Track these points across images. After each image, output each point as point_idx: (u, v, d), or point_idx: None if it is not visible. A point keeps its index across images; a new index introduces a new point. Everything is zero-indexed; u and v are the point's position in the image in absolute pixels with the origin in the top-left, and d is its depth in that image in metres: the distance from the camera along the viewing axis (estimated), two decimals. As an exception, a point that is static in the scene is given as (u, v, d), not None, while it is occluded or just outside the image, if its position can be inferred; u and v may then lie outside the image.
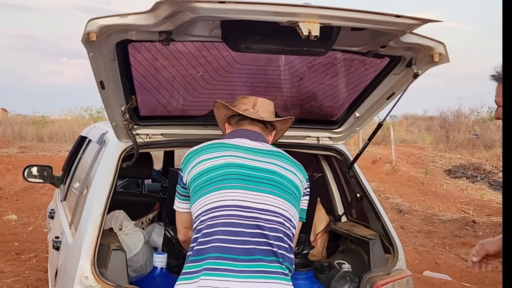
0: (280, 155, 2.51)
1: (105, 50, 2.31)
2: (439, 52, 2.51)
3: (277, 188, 2.36)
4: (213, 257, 2.19)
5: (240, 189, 2.30)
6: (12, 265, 6.68)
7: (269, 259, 2.23)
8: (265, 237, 2.25)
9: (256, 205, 2.28)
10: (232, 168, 2.35)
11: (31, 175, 4.97)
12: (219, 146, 2.44)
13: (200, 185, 2.32)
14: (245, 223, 2.25)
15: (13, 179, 14.58)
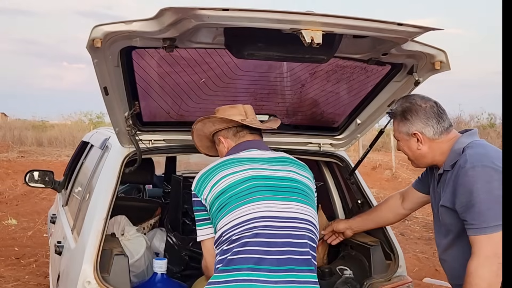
0: (290, 160, 2.53)
1: (109, 56, 2.33)
2: (440, 60, 2.53)
3: (301, 195, 2.38)
4: (247, 268, 2.17)
5: (269, 200, 2.29)
6: (12, 270, 6.68)
7: (301, 269, 2.24)
8: (297, 246, 2.26)
9: (286, 214, 2.28)
10: (257, 180, 2.33)
11: (32, 180, 4.98)
12: (235, 162, 2.41)
13: (227, 200, 2.28)
14: (277, 233, 2.24)
15: (13, 184, 14.58)
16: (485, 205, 2.26)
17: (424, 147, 2.51)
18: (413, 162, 2.63)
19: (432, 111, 2.50)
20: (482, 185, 2.27)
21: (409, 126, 2.50)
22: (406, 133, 2.53)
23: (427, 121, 2.48)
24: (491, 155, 2.36)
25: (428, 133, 2.49)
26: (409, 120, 2.50)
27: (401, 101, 2.58)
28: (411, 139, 2.53)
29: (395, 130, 2.58)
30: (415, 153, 2.55)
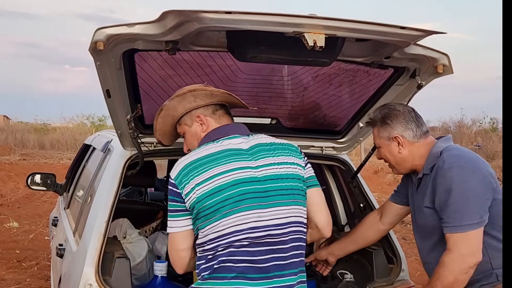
0: (271, 147, 2.35)
1: (112, 59, 2.34)
2: (443, 64, 2.53)
3: (284, 196, 2.26)
4: (231, 277, 2.14)
5: (255, 209, 2.19)
6: (13, 273, 6.68)
7: (284, 273, 2.20)
8: (280, 252, 2.20)
9: (270, 222, 2.20)
10: (243, 186, 2.21)
11: (34, 183, 4.99)
12: (220, 157, 2.24)
13: (215, 206, 2.17)
14: (261, 242, 2.18)
15: (15, 187, 14.59)
16: (460, 204, 2.34)
17: (405, 151, 2.58)
18: (394, 168, 2.69)
19: (410, 116, 2.59)
20: (458, 185, 2.35)
21: (390, 131, 2.59)
22: (387, 138, 2.60)
23: (406, 125, 2.57)
24: (467, 156, 2.45)
25: (408, 136, 2.57)
26: (389, 124, 2.58)
27: (379, 109, 2.68)
28: (392, 143, 2.60)
29: (376, 137, 2.66)
30: (396, 157, 2.62)
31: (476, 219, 2.33)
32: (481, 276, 2.42)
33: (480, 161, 2.46)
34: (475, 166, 2.39)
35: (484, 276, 2.42)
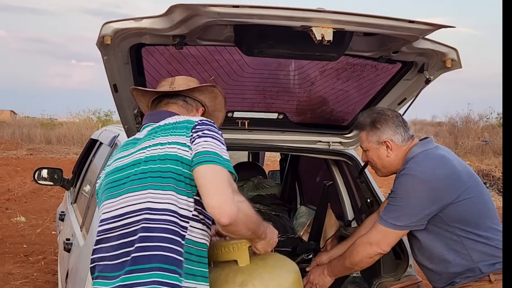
0: (161, 129, 2.08)
1: (119, 53, 2.34)
2: (452, 58, 2.51)
3: (135, 181, 1.98)
4: (94, 277, 2.00)
5: (106, 200, 2.04)
6: (20, 267, 6.71)
7: (145, 267, 1.86)
8: (130, 245, 1.91)
9: (117, 212, 1.98)
10: (108, 176, 2.10)
11: (41, 178, 5.00)
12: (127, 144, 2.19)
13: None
14: (111, 236, 1.97)
15: (22, 181, 14.65)
16: (396, 206, 2.48)
17: (393, 155, 2.63)
18: (380, 171, 2.74)
19: (398, 120, 2.64)
20: (401, 191, 2.48)
21: (380, 135, 2.62)
22: (377, 142, 2.64)
23: (396, 129, 2.62)
24: (426, 166, 2.48)
25: (397, 140, 2.61)
26: (379, 129, 2.62)
27: (367, 112, 2.70)
28: (381, 147, 2.64)
29: (364, 141, 2.69)
30: (383, 161, 2.66)
31: (402, 223, 2.46)
32: (464, 269, 2.46)
33: (441, 169, 2.48)
34: (429, 176, 2.44)
35: (467, 270, 2.45)
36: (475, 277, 2.44)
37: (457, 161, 2.57)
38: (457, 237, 2.45)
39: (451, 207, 2.43)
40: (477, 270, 2.43)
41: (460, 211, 2.43)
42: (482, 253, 2.43)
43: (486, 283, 2.41)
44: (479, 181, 2.57)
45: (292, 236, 3.38)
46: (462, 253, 2.45)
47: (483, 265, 2.42)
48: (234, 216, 1.83)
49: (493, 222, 2.48)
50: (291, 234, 3.40)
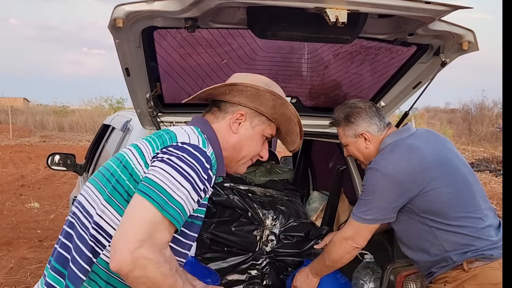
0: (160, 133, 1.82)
1: (131, 36, 2.32)
2: (468, 40, 2.47)
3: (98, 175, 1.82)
4: None
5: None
6: (35, 252, 6.78)
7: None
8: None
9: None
10: None
11: (54, 163, 5.02)
12: None
13: None
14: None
15: (35, 168, 14.79)
16: (363, 200, 2.51)
17: (371, 146, 2.65)
18: (363, 164, 2.75)
19: (371, 111, 2.66)
20: (368, 185, 2.50)
21: (355, 128, 2.65)
22: (353, 135, 2.67)
23: (370, 120, 2.64)
24: (389, 159, 2.49)
25: (373, 131, 2.64)
26: (353, 122, 2.65)
27: (340, 108, 2.72)
28: (359, 140, 2.66)
29: (342, 136, 2.73)
30: (363, 152, 2.68)
31: (370, 216, 2.48)
32: (439, 258, 2.48)
33: (404, 162, 2.47)
34: (392, 170, 2.44)
35: (441, 259, 2.47)
36: (449, 266, 2.45)
37: (431, 148, 2.53)
38: (429, 228, 2.47)
39: (418, 198, 2.45)
40: (449, 260, 2.44)
41: (428, 202, 2.45)
42: (453, 243, 2.44)
43: (461, 271, 2.42)
44: (456, 168, 2.52)
45: (305, 221, 3.36)
46: (435, 243, 2.47)
47: (454, 254, 2.43)
48: (123, 266, 1.50)
49: (467, 210, 2.46)
50: (304, 219, 3.39)
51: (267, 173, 4.16)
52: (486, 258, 2.39)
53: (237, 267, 3.22)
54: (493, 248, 2.41)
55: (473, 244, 2.41)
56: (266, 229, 3.29)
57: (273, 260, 3.25)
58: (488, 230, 2.45)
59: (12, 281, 5.63)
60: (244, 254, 3.24)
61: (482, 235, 2.42)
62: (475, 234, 2.42)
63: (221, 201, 3.31)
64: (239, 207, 3.31)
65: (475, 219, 2.45)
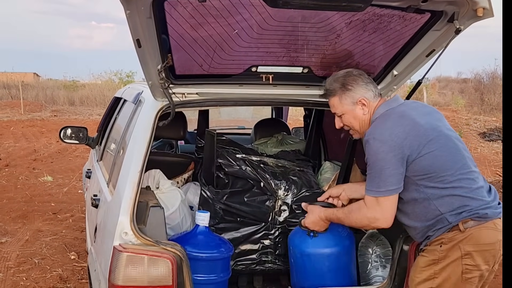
0: None
1: (141, 7, 2.30)
2: (483, 6, 2.42)
3: None
4: None
5: None
6: (49, 224, 6.87)
7: None
8: None
9: None
10: None
11: (66, 136, 5.04)
12: None
13: None
14: None
15: (47, 142, 14.90)
16: (374, 174, 2.52)
17: (368, 112, 2.68)
18: (357, 133, 2.78)
19: (366, 77, 2.72)
20: (370, 157, 2.52)
21: (353, 95, 2.67)
22: (351, 103, 2.69)
23: (366, 86, 2.68)
24: (384, 127, 2.53)
25: (370, 97, 2.68)
26: (351, 90, 2.67)
27: (333, 78, 2.75)
28: (357, 108, 2.69)
29: (338, 106, 2.73)
30: (360, 120, 2.70)
31: (385, 187, 2.49)
32: (434, 221, 2.53)
33: (399, 127, 2.51)
34: (388, 136, 2.48)
35: (437, 221, 2.52)
36: (445, 227, 2.50)
37: (422, 114, 2.59)
38: (424, 193, 2.51)
39: (415, 163, 2.48)
40: (445, 221, 2.49)
41: (424, 165, 2.48)
42: (449, 205, 2.49)
43: (457, 232, 2.48)
44: (446, 134, 2.58)
45: (317, 191, 3.38)
46: (430, 207, 2.51)
47: (450, 215, 2.48)
48: None
49: (461, 172, 2.52)
50: (316, 189, 3.40)
51: (279, 144, 4.17)
52: (481, 217, 2.46)
53: (250, 237, 3.26)
54: (487, 208, 2.49)
55: (467, 204, 2.47)
56: (279, 199, 3.31)
57: (286, 230, 3.27)
58: (481, 191, 2.53)
59: (28, 253, 5.73)
60: (257, 224, 3.27)
61: (476, 196, 2.50)
62: (469, 195, 2.49)
63: (234, 172, 3.33)
64: (252, 177, 3.32)
65: (468, 180, 2.51)
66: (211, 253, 2.70)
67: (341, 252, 2.92)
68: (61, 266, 5.36)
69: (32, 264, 5.40)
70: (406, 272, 2.78)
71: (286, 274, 3.34)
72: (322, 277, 2.90)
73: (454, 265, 2.48)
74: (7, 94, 28.48)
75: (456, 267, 2.47)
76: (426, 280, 2.54)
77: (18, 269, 5.27)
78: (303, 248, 2.90)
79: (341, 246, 2.93)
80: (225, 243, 2.83)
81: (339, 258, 2.92)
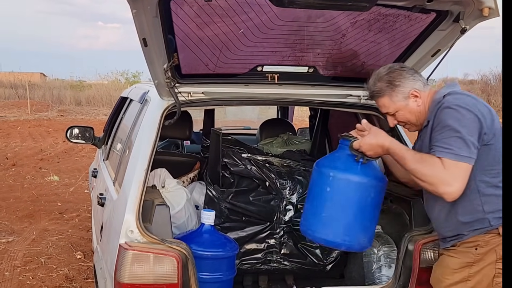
0: None
1: (148, 6, 2.31)
2: (489, 6, 2.42)
3: None
4: None
5: None
6: (56, 224, 6.90)
7: None
8: None
9: None
10: None
11: (73, 136, 5.07)
12: None
13: None
14: None
15: (54, 142, 14.96)
16: (451, 138, 2.31)
17: (422, 103, 2.56)
18: (414, 126, 2.64)
19: (409, 68, 2.63)
20: (454, 121, 2.32)
21: (403, 90, 2.56)
22: (403, 98, 2.56)
23: (413, 77, 2.57)
24: (467, 100, 2.38)
25: (419, 86, 2.57)
26: (400, 85, 2.56)
27: (376, 78, 2.60)
28: (409, 101, 2.57)
29: (390, 105, 2.59)
30: (416, 113, 2.58)
31: (470, 154, 2.30)
32: (473, 220, 2.40)
33: (480, 105, 2.40)
34: (473, 108, 2.34)
35: (475, 221, 2.39)
36: (483, 229, 2.38)
37: None
38: (476, 185, 2.37)
39: (482, 148, 2.35)
40: (486, 222, 2.37)
41: (487, 156, 2.36)
42: (494, 204, 2.36)
43: (495, 236, 2.36)
44: None
45: (322, 191, 3.38)
46: (475, 202, 2.38)
47: (493, 218, 2.36)
48: None
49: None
50: (321, 189, 3.40)
51: (284, 144, 4.17)
52: None
53: (255, 236, 3.27)
54: None
55: None
56: (284, 199, 3.32)
57: (291, 230, 3.28)
58: None
59: (34, 252, 5.75)
60: (262, 223, 3.28)
61: None
62: None
63: (239, 171, 3.33)
64: (257, 177, 3.33)
65: None
66: (217, 251, 2.71)
67: (383, 188, 2.63)
68: (67, 265, 5.38)
69: (38, 263, 5.42)
70: (411, 272, 2.77)
71: (291, 274, 3.35)
72: (360, 213, 2.56)
73: (488, 268, 2.37)
74: (14, 94, 28.64)
75: (490, 270, 2.37)
76: (458, 283, 2.43)
77: (24, 268, 5.30)
78: (348, 173, 2.54)
79: (385, 181, 2.64)
80: (231, 242, 2.84)
81: (380, 194, 2.62)
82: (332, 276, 3.38)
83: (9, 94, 28.93)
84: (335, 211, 2.56)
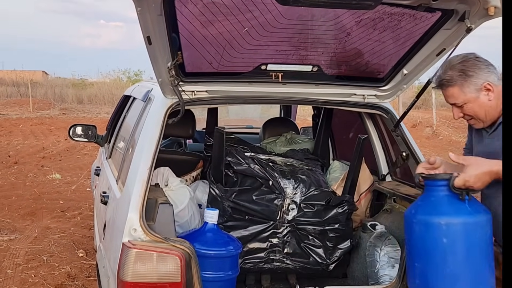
0: None
1: (152, 4, 2.30)
2: (495, 5, 2.41)
3: None
4: None
5: None
6: (58, 222, 6.90)
7: None
8: None
9: None
10: None
11: (76, 134, 5.07)
12: None
13: None
14: None
15: (56, 140, 14.98)
16: None
17: (494, 97, 2.40)
18: (481, 122, 2.47)
19: (484, 60, 2.44)
20: None
21: (476, 81, 2.40)
22: (475, 90, 2.41)
23: (488, 69, 2.41)
24: None
25: (493, 80, 2.41)
26: (473, 76, 2.40)
27: (448, 66, 2.46)
28: (481, 94, 2.42)
29: (459, 96, 2.43)
30: (486, 107, 2.42)
31: None
32: None
33: None
34: None
35: None
36: None
37: None
38: None
39: None
40: None
41: None
42: None
43: None
44: None
45: (325, 190, 3.37)
46: None
47: None
48: None
49: None
50: (324, 188, 3.39)
51: (287, 143, 4.16)
52: None
53: (258, 235, 3.26)
54: None
55: None
56: (287, 197, 3.31)
57: (294, 229, 3.27)
58: None
59: (36, 250, 5.75)
60: (265, 222, 3.27)
61: None
62: None
63: (242, 170, 3.32)
64: (260, 176, 3.32)
65: None
66: (220, 250, 2.70)
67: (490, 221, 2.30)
68: (69, 263, 5.38)
69: (40, 261, 5.42)
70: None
71: (294, 273, 3.34)
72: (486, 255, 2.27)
73: None
74: (16, 92, 28.68)
75: None
76: None
77: (26, 266, 5.30)
78: (463, 216, 2.24)
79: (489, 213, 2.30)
80: (234, 241, 2.83)
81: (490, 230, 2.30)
82: (335, 275, 3.37)
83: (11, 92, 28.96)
84: (460, 262, 2.27)
